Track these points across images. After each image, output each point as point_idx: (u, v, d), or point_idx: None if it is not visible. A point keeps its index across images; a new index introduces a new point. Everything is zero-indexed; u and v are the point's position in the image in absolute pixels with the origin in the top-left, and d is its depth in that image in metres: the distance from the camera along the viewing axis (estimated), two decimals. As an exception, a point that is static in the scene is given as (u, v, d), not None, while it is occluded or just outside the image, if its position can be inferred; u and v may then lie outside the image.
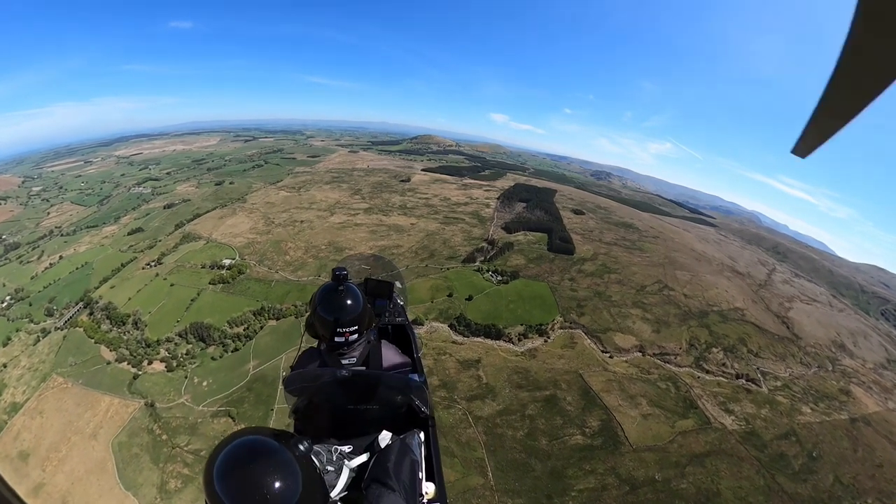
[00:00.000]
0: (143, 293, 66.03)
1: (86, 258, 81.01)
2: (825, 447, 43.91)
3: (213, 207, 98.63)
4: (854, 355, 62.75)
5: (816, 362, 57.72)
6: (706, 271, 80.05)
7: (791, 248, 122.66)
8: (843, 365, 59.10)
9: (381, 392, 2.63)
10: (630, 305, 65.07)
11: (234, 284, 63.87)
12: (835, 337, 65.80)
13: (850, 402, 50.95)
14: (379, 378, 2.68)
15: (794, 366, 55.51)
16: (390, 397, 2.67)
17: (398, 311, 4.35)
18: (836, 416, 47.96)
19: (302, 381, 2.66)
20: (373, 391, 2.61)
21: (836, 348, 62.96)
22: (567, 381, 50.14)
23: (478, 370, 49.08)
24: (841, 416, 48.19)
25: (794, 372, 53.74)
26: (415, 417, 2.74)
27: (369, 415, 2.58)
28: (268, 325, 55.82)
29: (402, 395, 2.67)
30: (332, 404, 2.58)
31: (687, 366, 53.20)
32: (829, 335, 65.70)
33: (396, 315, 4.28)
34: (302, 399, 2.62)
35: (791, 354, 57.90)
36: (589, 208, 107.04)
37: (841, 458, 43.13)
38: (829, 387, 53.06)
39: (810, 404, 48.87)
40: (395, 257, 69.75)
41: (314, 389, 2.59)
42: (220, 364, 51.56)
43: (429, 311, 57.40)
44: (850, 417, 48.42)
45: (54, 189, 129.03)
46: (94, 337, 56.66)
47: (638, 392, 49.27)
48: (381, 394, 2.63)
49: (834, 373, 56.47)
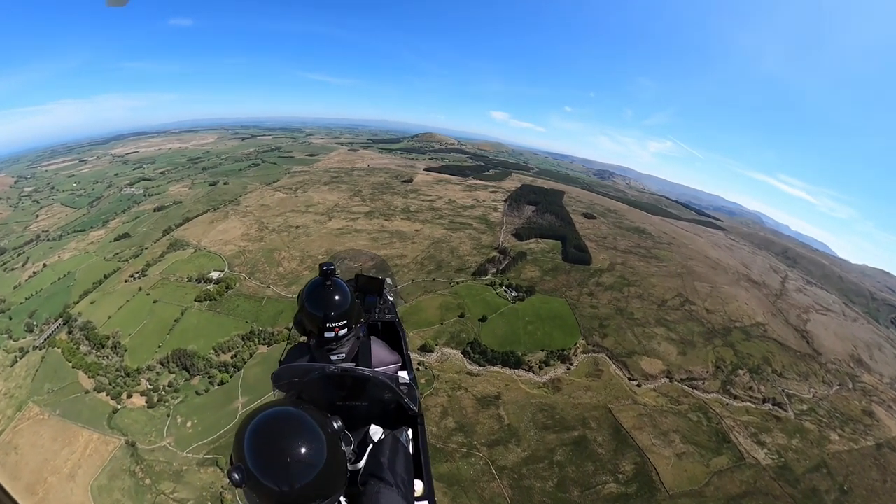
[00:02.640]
0: (124, 311, 58.25)
1: (69, 267, 74.65)
2: (855, 479, 41.80)
3: (204, 210, 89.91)
4: (871, 370, 60.68)
5: (837, 380, 55.89)
6: (724, 282, 75.51)
7: (800, 253, 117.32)
8: (862, 382, 57.29)
9: (370, 389, 2.50)
10: (653, 323, 58.71)
11: (221, 302, 55.71)
12: (852, 351, 63.91)
13: (874, 426, 49.00)
14: (368, 375, 2.49)
15: (817, 385, 53.60)
16: (379, 394, 2.52)
17: (388, 308, 4.02)
18: (863, 443, 45.99)
19: (290, 377, 2.46)
20: (362, 388, 2.50)
21: (854, 363, 60.91)
22: (596, 417, 43.36)
23: (498, 408, 41.77)
24: (867, 443, 46.20)
25: (818, 392, 51.97)
26: (403, 415, 2.62)
27: (358, 411, 2.47)
28: (258, 352, 47.96)
29: (391, 393, 2.48)
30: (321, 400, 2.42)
31: (715, 391, 49.88)
32: (846, 349, 63.78)
33: (387, 312, 3.97)
34: (290, 395, 2.41)
35: (813, 373, 55.75)
36: (599, 211, 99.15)
37: (871, 490, 41.08)
38: (853, 408, 51.19)
39: (837, 430, 46.91)
40: (400, 269, 61.73)
41: (303, 385, 2.40)
42: (205, 400, 44.13)
43: (439, 335, 49.70)
44: (875, 443, 46.39)
45: (46, 190, 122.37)
46: (72, 360, 50.84)
47: (670, 427, 44.92)
48: (370, 390, 2.51)
49: (854, 391, 54.72)
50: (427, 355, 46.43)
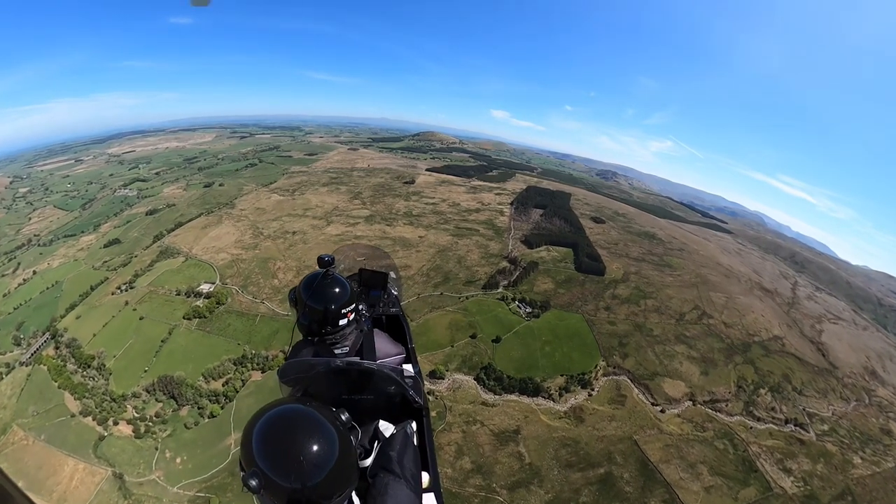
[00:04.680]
0: (110, 328, 53.00)
1: (58, 275, 70.50)
2: (879, 506, 40.18)
3: (197, 214, 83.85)
4: (886, 383, 60.18)
5: (854, 395, 55.09)
6: (738, 291, 72.85)
7: (807, 257, 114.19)
8: (878, 396, 56.48)
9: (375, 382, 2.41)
10: (673, 341, 54.35)
11: (211, 320, 50.15)
12: (865, 362, 63.03)
13: (893, 446, 48.32)
14: (373, 368, 2.41)
15: (836, 402, 52.85)
16: (385, 387, 2.43)
17: (392, 301, 3.88)
18: (885, 465, 45.06)
19: (296, 372, 2.38)
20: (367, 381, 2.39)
21: (868, 376, 60.09)
22: (622, 451, 38.84)
23: (518, 444, 36.88)
24: (888, 464, 45.26)
25: (837, 409, 51.43)
26: (408, 407, 2.53)
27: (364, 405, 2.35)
28: (251, 379, 42.67)
29: (396, 385, 2.41)
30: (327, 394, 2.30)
31: (738, 413, 48.20)
32: (860, 360, 62.90)
33: (391, 305, 3.83)
34: (297, 390, 2.34)
35: (831, 389, 54.89)
36: (607, 215, 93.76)
37: (896, 518, 39.61)
38: (871, 426, 50.54)
39: (858, 452, 45.98)
40: (404, 282, 55.92)
41: (308, 380, 2.31)
42: (195, 435, 39.20)
43: (450, 359, 44.55)
44: (896, 464, 45.20)
45: (40, 191, 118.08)
46: (58, 380, 47.11)
47: (697, 458, 42.08)
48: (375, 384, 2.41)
49: (871, 406, 54.09)
50: (437, 382, 41.35)
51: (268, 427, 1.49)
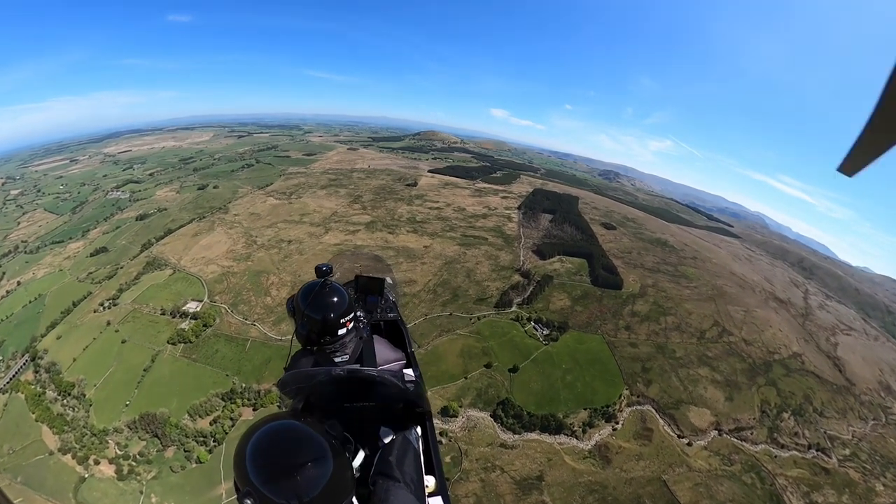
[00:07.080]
0: (91, 351, 47.58)
1: (42, 287, 65.32)
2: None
3: (189, 220, 77.42)
4: None
5: (871, 413, 53.97)
6: (754, 304, 68.94)
7: (815, 263, 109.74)
8: (894, 414, 55.14)
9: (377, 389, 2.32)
10: (696, 363, 49.73)
11: (197, 345, 44.51)
12: (879, 376, 61.28)
13: None
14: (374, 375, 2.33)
15: (854, 421, 51.51)
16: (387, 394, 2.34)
17: (390, 307, 3.82)
18: None
19: (297, 382, 2.31)
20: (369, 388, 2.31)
21: (884, 392, 58.61)
22: (651, 494, 34.57)
23: (542, 493, 32.08)
24: None
25: (856, 430, 50.16)
26: (411, 413, 2.48)
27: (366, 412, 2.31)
28: (241, 418, 37.18)
29: (398, 392, 2.32)
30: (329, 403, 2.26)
31: (763, 441, 46.05)
32: (874, 374, 61.12)
33: (388, 311, 3.76)
34: (298, 400, 2.28)
35: (850, 408, 53.41)
36: (617, 220, 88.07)
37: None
38: (890, 448, 49.14)
39: (880, 478, 44.32)
40: (410, 300, 50.53)
41: (310, 389, 2.25)
42: (182, 480, 34.18)
43: (463, 393, 39.26)
44: (917, 490, 42.83)
45: (32, 193, 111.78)
46: (35, 412, 42.62)
47: (727, 496, 38.90)
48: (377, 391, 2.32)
49: (889, 426, 53.07)
50: (450, 421, 36.01)
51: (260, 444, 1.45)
